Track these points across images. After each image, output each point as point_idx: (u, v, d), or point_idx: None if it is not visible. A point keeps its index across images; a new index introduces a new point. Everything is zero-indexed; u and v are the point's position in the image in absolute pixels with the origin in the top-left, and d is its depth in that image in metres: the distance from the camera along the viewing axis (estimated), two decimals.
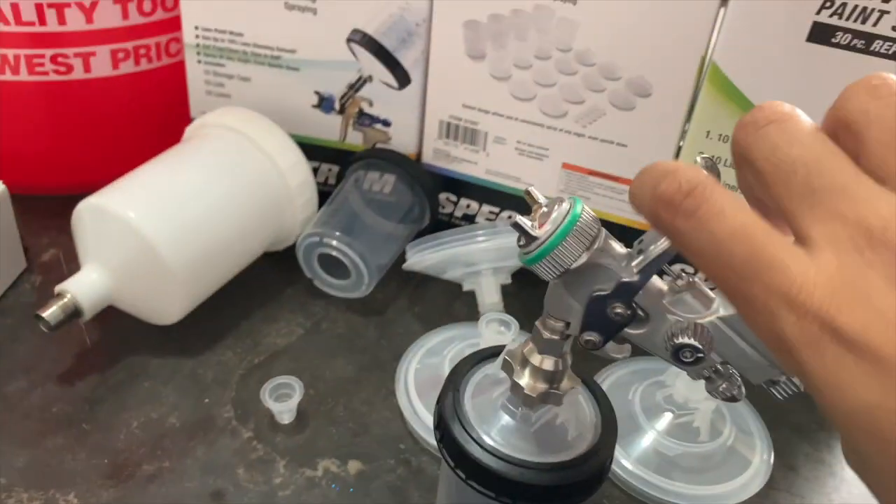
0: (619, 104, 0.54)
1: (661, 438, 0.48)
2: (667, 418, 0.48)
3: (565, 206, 0.29)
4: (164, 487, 0.43)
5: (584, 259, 0.29)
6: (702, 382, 0.48)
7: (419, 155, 0.63)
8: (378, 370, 0.53)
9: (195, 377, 0.51)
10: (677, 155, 0.54)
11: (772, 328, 0.21)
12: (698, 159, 0.26)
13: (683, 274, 0.30)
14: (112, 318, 0.53)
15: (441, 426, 0.35)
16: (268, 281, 0.59)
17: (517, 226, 0.29)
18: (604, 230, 0.30)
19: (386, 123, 0.62)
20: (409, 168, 0.61)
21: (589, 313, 0.31)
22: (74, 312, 0.47)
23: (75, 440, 0.45)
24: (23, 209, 0.59)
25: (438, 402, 0.36)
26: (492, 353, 0.38)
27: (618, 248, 0.30)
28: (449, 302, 0.60)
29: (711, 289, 0.30)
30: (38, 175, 0.64)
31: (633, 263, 0.29)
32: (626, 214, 0.58)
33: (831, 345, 0.20)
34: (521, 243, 0.30)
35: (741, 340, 0.29)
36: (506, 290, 0.58)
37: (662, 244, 0.29)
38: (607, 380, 0.53)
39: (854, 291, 0.20)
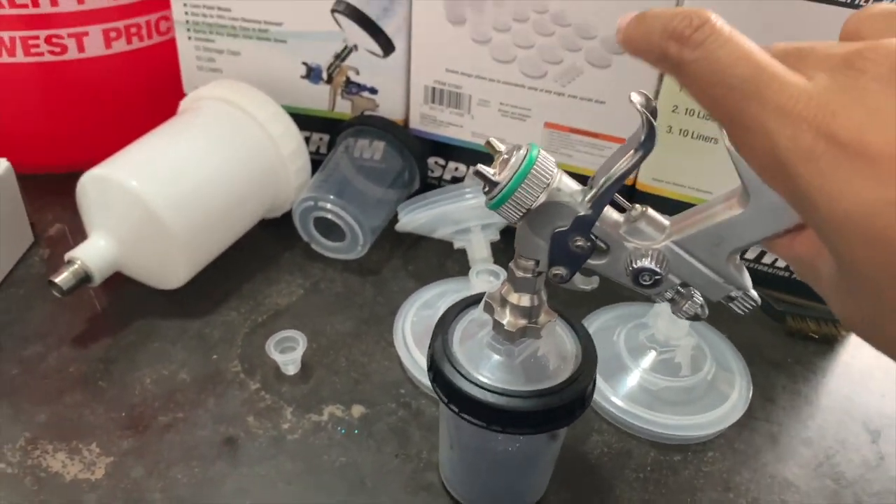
0: (596, 62, 0.57)
1: (646, 375, 0.51)
2: (650, 356, 0.51)
3: (522, 151, 0.32)
4: (179, 435, 0.46)
5: (542, 199, 0.32)
6: (681, 323, 0.52)
7: (406, 121, 0.65)
8: (376, 324, 0.56)
9: (202, 336, 0.53)
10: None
11: (766, 147, 0.22)
12: (634, 96, 0.29)
13: (637, 206, 0.33)
14: (120, 286, 0.55)
15: (433, 367, 0.38)
16: (267, 246, 0.62)
17: (479, 174, 0.32)
18: (559, 171, 0.33)
19: (373, 91, 0.64)
20: (398, 134, 0.64)
21: (553, 249, 0.34)
22: (85, 278, 0.50)
23: (93, 397, 0.48)
24: (27, 188, 0.61)
25: (430, 346, 0.39)
26: (476, 299, 0.41)
27: (573, 185, 0.33)
28: (441, 260, 0.63)
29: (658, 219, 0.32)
30: (39, 154, 0.66)
31: (587, 198, 0.32)
32: None
33: (826, 152, 0.21)
34: (486, 190, 0.33)
35: (694, 260, 0.32)
36: (495, 247, 0.60)
37: (612, 175, 0.31)
38: (593, 324, 0.56)
39: (847, 96, 0.21)
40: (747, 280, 0.32)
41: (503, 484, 0.43)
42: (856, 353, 0.58)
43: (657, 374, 0.50)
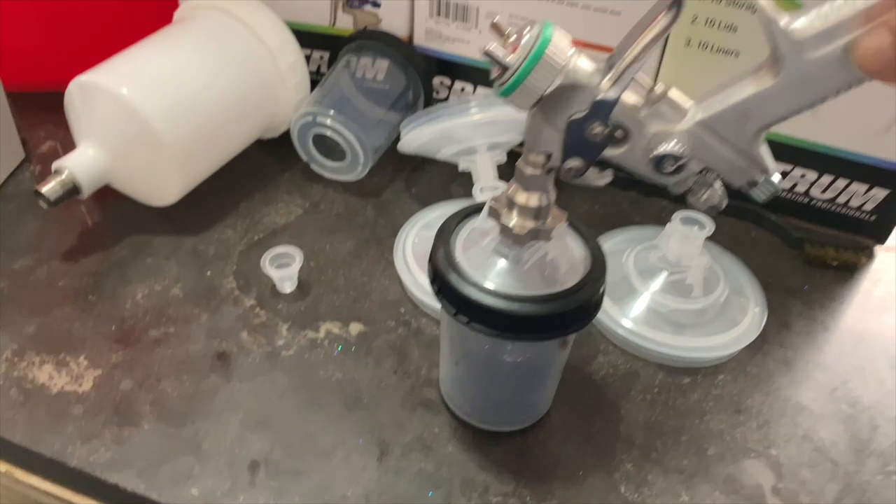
0: None
1: (656, 297, 0.49)
2: (661, 278, 0.49)
3: (535, 31, 0.29)
4: (170, 349, 0.45)
5: (558, 82, 0.29)
6: (694, 242, 0.49)
7: (411, 37, 0.62)
8: (377, 245, 0.54)
9: (196, 253, 0.51)
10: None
11: None
12: None
13: (657, 85, 0.30)
14: (112, 202, 0.53)
15: (438, 279, 0.36)
16: (265, 167, 0.60)
17: (489, 54, 0.29)
18: (576, 50, 0.30)
19: (375, 4, 0.61)
20: (402, 50, 0.61)
21: (568, 138, 0.31)
22: (73, 189, 0.48)
23: (82, 310, 0.47)
24: (20, 105, 0.59)
25: (430, 258, 0.37)
26: (475, 209, 0.39)
27: (590, 66, 0.30)
28: (445, 183, 0.61)
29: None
30: (31, 71, 0.64)
31: (605, 79, 0.29)
32: None
33: None
34: (495, 75, 0.30)
35: (719, 142, 0.29)
36: (502, 171, 0.58)
37: (635, 50, 0.29)
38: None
39: None
40: (771, 162, 0.30)
41: (510, 397, 0.41)
42: (877, 281, 0.55)
43: (667, 296, 0.48)
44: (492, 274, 0.36)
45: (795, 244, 0.57)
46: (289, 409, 0.42)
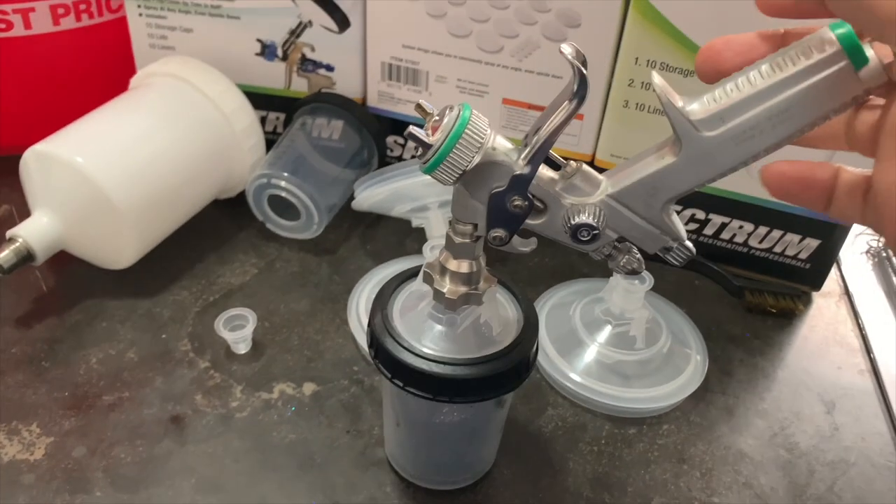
0: (552, 36, 0.56)
1: (602, 349, 0.50)
2: (606, 330, 0.51)
3: (454, 112, 0.31)
4: (124, 414, 0.45)
5: (477, 160, 0.31)
6: (636, 296, 0.51)
7: (364, 99, 0.65)
8: (331, 303, 0.55)
9: (152, 316, 0.52)
10: (610, 82, 0.56)
11: None
12: (564, 47, 0.29)
13: (571, 162, 0.32)
14: (67, 265, 0.54)
15: (374, 343, 0.37)
16: (220, 226, 0.61)
17: (412, 136, 0.31)
18: (493, 130, 0.32)
19: (329, 68, 0.63)
20: (355, 112, 0.63)
21: (491, 210, 0.33)
22: (27, 256, 0.48)
23: (35, 376, 0.47)
24: None
25: (369, 323, 0.38)
26: (413, 272, 0.41)
27: (507, 144, 0.32)
28: (400, 239, 0.62)
29: (600, 171, 0.32)
30: None
31: (522, 156, 0.31)
32: (566, 147, 0.60)
33: None
34: (419, 153, 0.32)
35: (631, 213, 0.31)
36: None
37: (547, 130, 0.31)
38: (550, 300, 0.55)
39: None
40: (682, 230, 0.32)
41: (451, 456, 0.42)
42: (813, 327, 0.58)
43: (612, 348, 0.50)
44: (427, 338, 0.37)
45: (736, 292, 0.60)
46: (242, 471, 0.42)
